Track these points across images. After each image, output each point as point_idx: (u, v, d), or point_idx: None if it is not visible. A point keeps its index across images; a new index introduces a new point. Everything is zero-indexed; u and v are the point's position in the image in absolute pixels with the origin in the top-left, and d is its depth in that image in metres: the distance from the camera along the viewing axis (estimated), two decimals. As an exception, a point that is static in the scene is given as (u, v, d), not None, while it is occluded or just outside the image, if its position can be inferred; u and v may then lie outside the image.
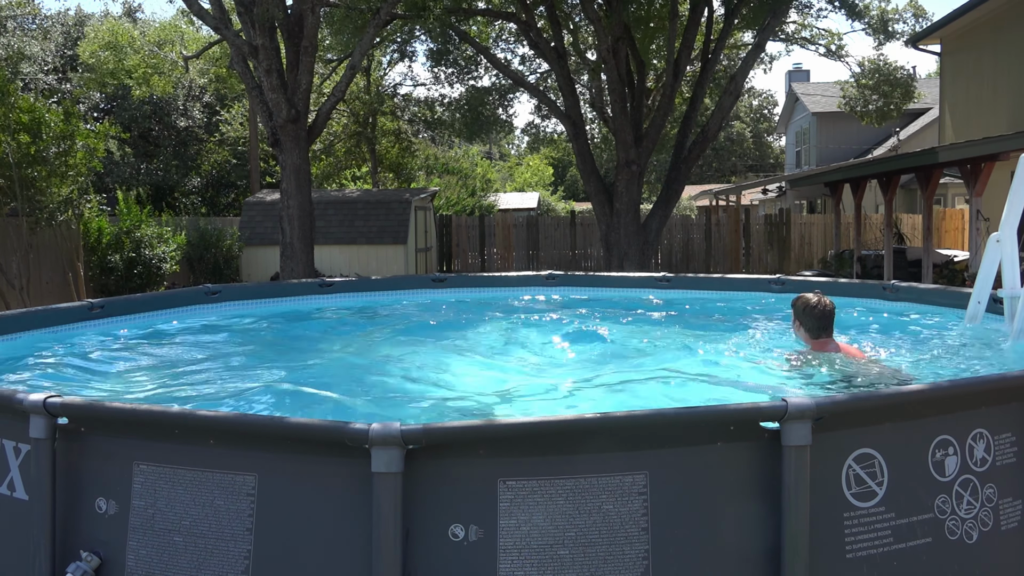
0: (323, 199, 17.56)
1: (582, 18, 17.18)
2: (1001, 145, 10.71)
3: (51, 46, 29.10)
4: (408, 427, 2.05)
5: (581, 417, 2.23)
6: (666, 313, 6.32)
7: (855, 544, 2.23)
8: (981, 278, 4.50)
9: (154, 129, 28.93)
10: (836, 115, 26.01)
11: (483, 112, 19.37)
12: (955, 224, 22.33)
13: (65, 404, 2.30)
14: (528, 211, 32.14)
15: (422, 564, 2.09)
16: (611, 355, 4.85)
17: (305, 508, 2.17)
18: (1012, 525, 2.44)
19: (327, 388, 3.92)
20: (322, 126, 12.97)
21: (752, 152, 50.08)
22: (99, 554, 2.26)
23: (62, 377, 4.29)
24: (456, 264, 21.28)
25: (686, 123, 15.58)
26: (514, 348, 5.16)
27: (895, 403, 2.36)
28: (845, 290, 6.46)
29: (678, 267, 20.88)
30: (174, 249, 13.63)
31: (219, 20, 11.98)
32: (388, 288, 7.12)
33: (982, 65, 15.95)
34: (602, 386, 4.07)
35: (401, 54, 20.22)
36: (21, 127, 10.33)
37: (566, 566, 2.08)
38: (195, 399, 3.85)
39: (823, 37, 18.75)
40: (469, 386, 4.14)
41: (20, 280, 10.78)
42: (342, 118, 24.39)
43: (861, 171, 15.75)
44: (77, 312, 5.28)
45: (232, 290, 6.41)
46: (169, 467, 2.25)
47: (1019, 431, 2.48)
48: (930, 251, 13.16)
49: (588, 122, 19.60)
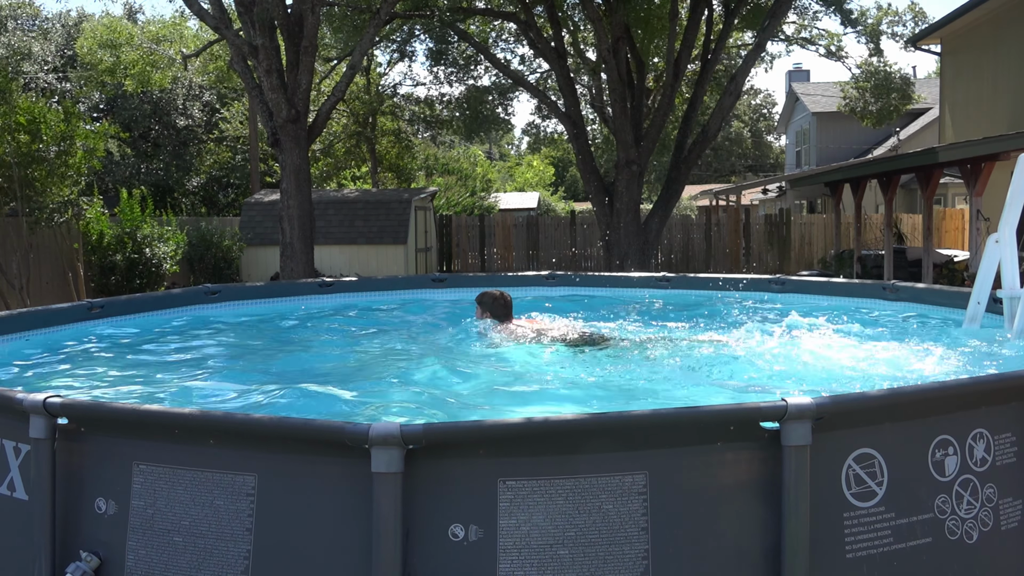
0: (323, 199, 17.56)
1: (582, 18, 17.18)
2: (1001, 145, 10.71)
3: (51, 46, 29.09)
4: (408, 427, 2.05)
5: (581, 417, 2.23)
6: (665, 313, 6.32)
7: (855, 544, 2.23)
8: (980, 278, 4.50)
9: (154, 129, 28.93)
10: (836, 115, 25.99)
11: (482, 111, 19.38)
12: (955, 224, 22.33)
13: (65, 404, 2.30)
14: (528, 211, 32.13)
15: (422, 564, 2.10)
16: (611, 355, 4.84)
17: (305, 508, 2.17)
18: (1012, 525, 2.44)
19: (327, 388, 3.93)
20: (322, 126, 12.97)
21: (752, 152, 50.08)
22: (99, 554, 2.26)
23: (62, 377, 4.29)
24: (456, 264, 21.28)
25: (686, 123, 15.58)
26: (514, 348, 5.15)
27: (895, 403, 2.36)
28: (845, 290, 6.46)
29: (678, 267, 20.88)
30: (174, 249, 13.63)
31: (219, 20, 11.98)
32: (388, 288, 7.13)
33: (982, 65, 15.96)
34: (602, 386, 4.07)
35: (401, 54, 20.22)
36: (21, 127, 10.32)
37: (566, 566, 2.08)
38: (195, 399, 3.85)
39: (823, 38, 18.77)
40: (469, 386, 4.14)
41: (20, 280, 10.78)
42: (342, 118, 24.39)
43: (861, 171, 15.75)
44: (77, 312, 5.28)
45: (232, 290, 6.41)
46: (169, 467, 2.25)
47: (1019, 431, 2.48)
48: (930, 251, 13.16)
49: (588, 122, 19.61)
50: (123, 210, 13.30)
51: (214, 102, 29.39)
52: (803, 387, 3.85)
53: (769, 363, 4.41)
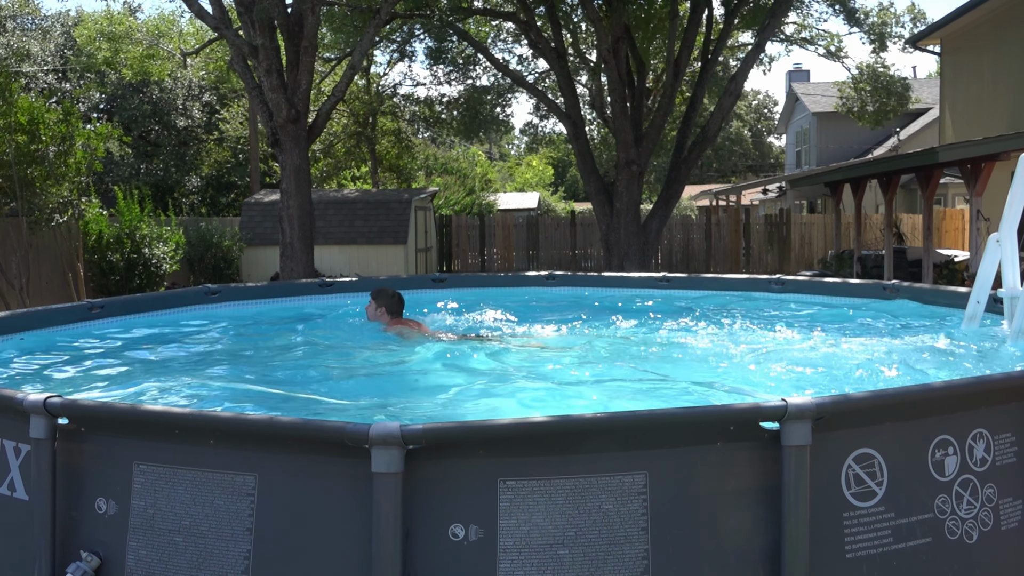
0: (323, 199, 17.56)
1: (582, 18, 17.19)
2: (1001, 145, 10.71)
3: (51, 46, 29.08)
4: (408, 427, 2.05)
5: (581, 417, 2.23)
6: (665, 313, 6.32)
7: (855, 544, 2.23)
8: (980, 278, 4.50)
9: (154, 129, 28.91)
10: (836, 115, 25.98)
11: (481, 111, 19.37)
12: (955, 224, 22.33)
13: (65, 404, 2.30)
14: (528, 211, 32.13)
15: (422, 564, 2.10)
16: (611, 355, 4.85)
17: (305, 508, 2.17)
18: (1012, 525, 2.44)
19: (327, 388, 3.93)
20: (322, 126, 12.96)
21: (752, 152, 50.07)
22: (99, 554, 2.26)
23: (62, 377, 4.29)
24: (456, 264, 21.27)
25: (686, 123, 15.58)
26: (514, 348, 5.16)
27: (895, 403, 2.36)
28: (845, 290, 6.46)
29: (678, 267, 20.88)
30: (174, 249, 13.62)
31: (219, 20, 11.98)
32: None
33: (982, 65, 15.96)
34: (602, 386, 4.08)
35: (401, 54, 20.21)
36: (20, 127, 10.32)
37: (566, 566, 2.08)
38: (195, 399, 3.85)
39: (823, 38, 18.77)
40: (469, 386, 4.14)
41: (20, 280, 10.78)
42: (342, 118, 24.39)
43: (861, 171, 15.75)
44: (77, 312, 5.28)
45: (232, 290, 6.40)
46: (169, 467, 2.25)
47: (1019, 431, 2.48)
48: (930, 251, 13.16)
49: (588, 122, 19.61)
50: (121, 210, 13.29)
51: (214, 102, 29.37)
52: (803, 387, 3.85)
53: (769, 363, 4.41)
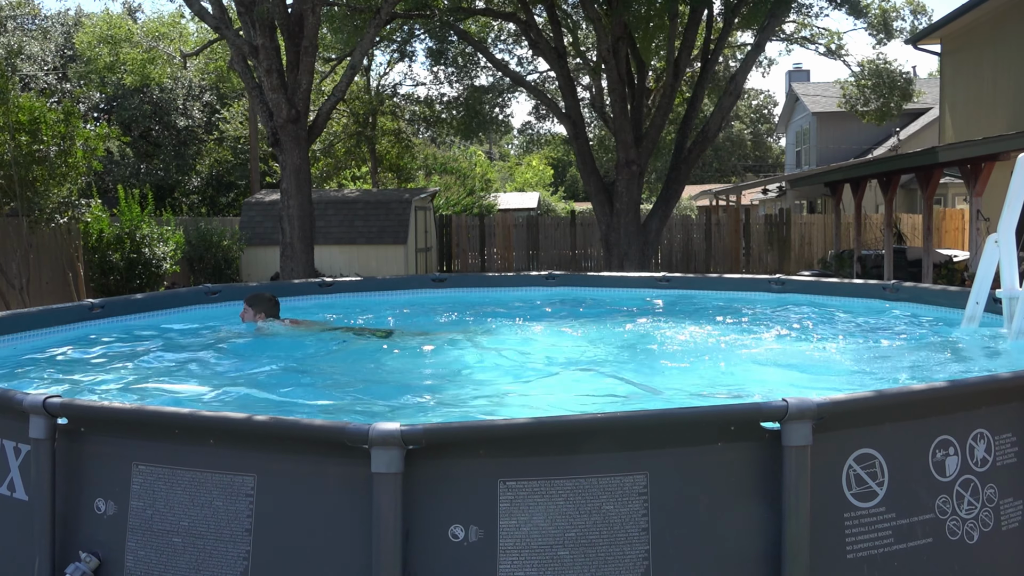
0: (323, 199, 17.55)
1: (582, 18, 17.18)
2: (1001, 145, 10.71)
3: (51, 46, 29.07)
4: (408, 427, 2.05)
5: (581, 417, 2.23)
6: (665, 313, 6.32)
7: (855, 544, 2.23)
8: (979, 279, 4.50)
9: (154, 129, 28.90)
10: (836, 115, 26.00)
11: (480, 111, 19.36)
12: (955, 224, 22.33)
13: (65, 404, 2.30)
14: (528, 211, 32.11)
15: (422, 564, 2.09)
16: (611, 355, 4.84)
17: (305, 509, 2.17)
18: (1013, 525, 2.44)
19: (327, 388, 3.92)
20: (322, 126, 12.95)
21: (752, 152, 50.06)
22: (98, 555, 2.26)
23: (62, 377, 4.29)
24: (456, 264, 21.27)
25: (686, 123, 15.58)
26: (514, 348, 5.15)
27: (895, 403, 2.36)
28: (845, 290, 6.46)
29: (678, 267, 20.88)
30: (174, 249, 13.62)
31: (219, 20, 11.97)
32: (388, 288, 7.12)
33: (982, 65, 15.95)
34: (601, 386, 4.07)
35: (401, 54, 20.21)
36: (21, 127, 10.31)
37: (566, 566, 2.08)
38: (195, 399, 3.85)
39: (823, 36, 18.76)
40: (469, 386, 4.13)
41: (20, 280, 10.77)
42: (342, 118, 24.38)
43: (861, 171, 15.75)
44: (77, 312, 5.28)
45: (232, 290, 6.40)
46: (168, 468, 2.24)
47: (1019, 431, 2.48)
48: (930, 251, 13.15)
49: (588, 122, 19.60)
50: (122, 209, 13.28)
51: (214, 102, 29.36)
52: (803, 387, 3.84)
53: (769, 363, 4.41)
